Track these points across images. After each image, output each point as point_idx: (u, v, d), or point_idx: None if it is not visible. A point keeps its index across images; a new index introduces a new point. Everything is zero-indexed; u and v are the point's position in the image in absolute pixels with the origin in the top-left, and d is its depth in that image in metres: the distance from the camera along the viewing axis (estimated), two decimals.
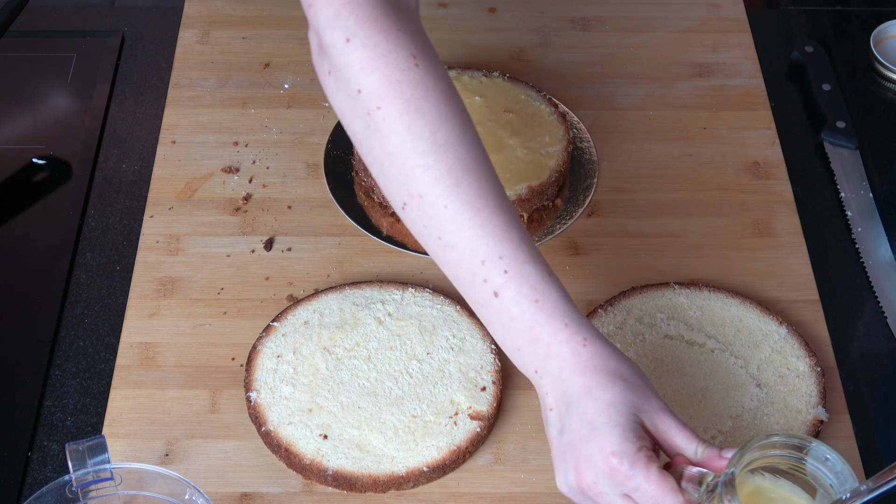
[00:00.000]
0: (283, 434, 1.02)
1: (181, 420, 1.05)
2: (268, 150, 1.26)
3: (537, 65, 1.36)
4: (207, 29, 1.38)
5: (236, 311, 1.13)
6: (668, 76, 1.35)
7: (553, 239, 1.19)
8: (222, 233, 1.19)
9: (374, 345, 1.08)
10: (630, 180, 1.25)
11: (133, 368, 1.08)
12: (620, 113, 1.31)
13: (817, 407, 1.05)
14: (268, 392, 1.05)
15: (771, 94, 1.33)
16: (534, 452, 1.04)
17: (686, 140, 1.28)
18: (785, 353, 1.08)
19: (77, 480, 0.91)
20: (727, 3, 1.43)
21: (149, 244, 1.18)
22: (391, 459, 1.01)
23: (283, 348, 1.08)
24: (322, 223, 1.20)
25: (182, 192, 1.22)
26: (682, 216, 1.22)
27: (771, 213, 1.22)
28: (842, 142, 1.29)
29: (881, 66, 1.36)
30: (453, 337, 1.09)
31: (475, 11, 1.42)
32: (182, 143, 1.27)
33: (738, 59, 1.37)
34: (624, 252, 1.18)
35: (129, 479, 0.93)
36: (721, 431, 1.03)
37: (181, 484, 0.92)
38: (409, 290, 1.12)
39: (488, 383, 1.06)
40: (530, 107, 1.26)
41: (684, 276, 1.16)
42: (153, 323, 1.12)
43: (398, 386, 1.05)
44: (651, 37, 1.39)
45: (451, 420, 1.03)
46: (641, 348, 1.08)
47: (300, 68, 1.34)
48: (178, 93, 1.31)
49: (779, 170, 1.26)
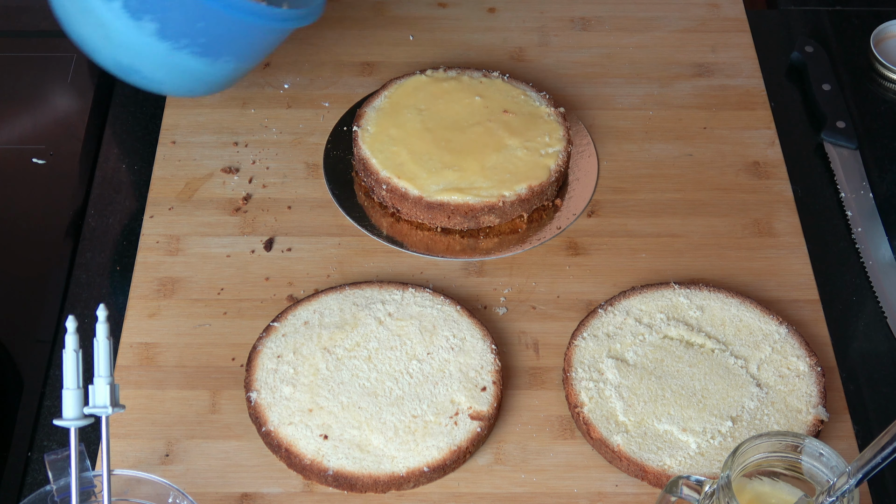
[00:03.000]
0: (284, 434, 1.02)
1: (181, 420, 1.05)
2: (268, 151, 1.26)
3: (537, 65, 1.36)
4: None
5: (236, 312, 1.13)
6: (668, 76, 1.35)
7: (553, 239, 1.19)
8: (222, 233, 1.19)
9: (375, 345, 1.08)
10: (630, 180, 1.25)
11: (133, 369, 1.08)
12: (620, 113, 1.31)
13: (817, 407, 1.05)
14: (268, 392, 1.05)
15: (771, 94, 1.33)
16: (534, 452, 1.04)
17: (686, 140, 1.29)
18: (785, 352, 1.08)
19: (58, 490, 0.91)
20: (727, 3, 1.43)
21: (149, 244, 1.18)
22: (391, 459, 1.01)
23: (283, 348, 1.08)
24: (322, 223, 1.20)
25: (182, 192, 1.22)
26: (682, 216, 1.22)
27: (771, 213, 1.22)
28: (842, 142, 1.29)
29: (881, 66, 1.36)
30: (453, 337, 1.09)
31: (474, 11, 1.42)
32: (182, 143, 1.27)
33: (737, 59, 1.37)
34: (624, 252, 1.18)
35: (112, 485, 0.92)
36: (721, 431, 1.03)
37: (165, 488, 0.92)
38: (409, 290, 1.12)
39: (488, 383, 1.06)
40: (530, 107, 1.26)
41: (684, 276, 1.16)
42: (153, 323, 1.12)
43: (398, 386, 1.05)
44: (650, 37, 1.39)
45: (452, 420, 1.03)
46: (641, 348, 1.08)
47: (300, 68, 1.34)
48: None
49: (779, 170, 1.26)
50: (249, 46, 1.15)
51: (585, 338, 1.09)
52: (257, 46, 1.16)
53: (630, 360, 1.08)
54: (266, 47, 1.18)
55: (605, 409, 1.04)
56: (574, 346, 1.09)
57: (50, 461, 0.92)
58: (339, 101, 1.31)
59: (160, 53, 1.11)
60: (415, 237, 1.19)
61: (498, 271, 1.17)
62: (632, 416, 1.04)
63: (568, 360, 1.08)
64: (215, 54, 1.13)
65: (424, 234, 1.19)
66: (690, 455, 1.02)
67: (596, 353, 1.08)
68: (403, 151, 1.21)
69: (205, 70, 1.14)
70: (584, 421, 1.04)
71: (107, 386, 0.90)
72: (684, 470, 1.01)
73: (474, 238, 1.19)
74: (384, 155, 1.21)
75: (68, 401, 0.90)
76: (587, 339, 1.09)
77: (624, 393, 1.05)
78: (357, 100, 1.31)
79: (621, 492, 1.02)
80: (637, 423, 1.03)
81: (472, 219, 1.18)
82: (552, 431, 1.05)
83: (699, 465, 1.01)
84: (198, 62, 1.13)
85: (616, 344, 1.09)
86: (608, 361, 1.07)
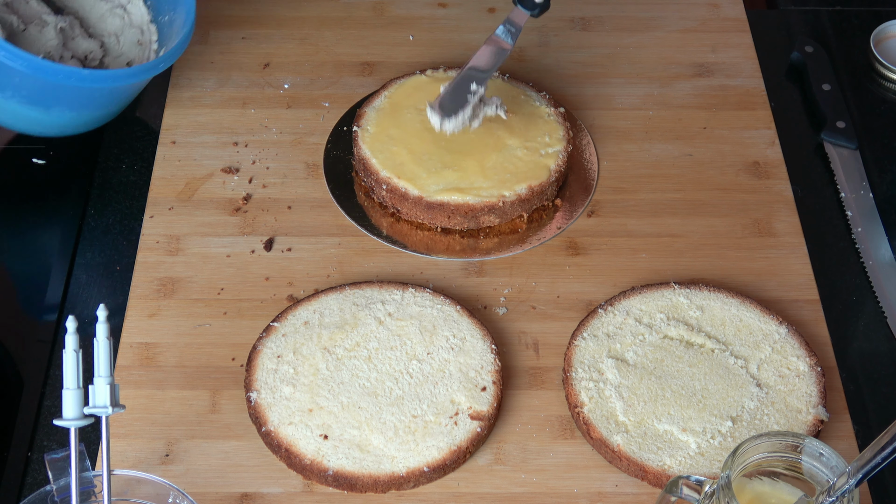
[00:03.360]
0: (284, 434, 1.02)
1: (181, 420, 1.05)
2: (268, 151, 1.26)
3: (537, 65, 1.36)
4: (207, 29, 1.38)
5: (236, 312, 1.13)
6: (668, 76, 1.35)
7: (553, 239, 1.19)
8: (222, 233, 1.19)
9: (375, 345, 1.08)
10: (630, 180, 1.25)
11: (133, 369, 1.08)
12: (620, 113, 1.31)
13: (817, 407, 1.05)
14: (268, 392, 1.05)
15: (771, 94, 1.33)
16: (534, 452, 1.04)
17: (686, 140, 1.28)
18: (785, 352, 1.08)
19: (58, 490, 0.91)
20: (727, 3, 1.43)
21: (149, 244, 1.18)
22: (391, 459, 1.01)
23: (283, 348, 1.08)
24: (322, 223, 1.20)
25: (182, 192, 1.22)
26: (682, 216, 1.22)
27: (771, 213, 1.22)
28: (842, 142, 1.29)
29: (881, 66, 1.36)
30: (453, 337, 1.09)
31: (475, 11, 1.42)
32: (182, 143, 1.27)
33: (737, 59, 1.37)
34: (624, 252, 1.18)
35: (112, 485, 0.92)
36: (721, 431, 1.03)
37: (165, 488, 0.92)
38: (409, 290, 1.12)
39: (488, 383, 1.06)
40: (530, 107, 1.26)
41: (684, 276, 1.16)
42: (153, 323, 1.12)
43: (398, 386, 1.05)
44: (651, 37, 1.39)
45: (452, 420, 1.03)
46: (641, 348, 1.08)
47: (300, 68, 1.34)
48: (178, 93, 1.31)
49: (779, 170, 1.26)
50: (79, 100, 1.17)
51: (585, 338, 1.09)
52: (91, 99, 1.17)
53: (630, 360, 1.08)
54: (108, 99, 1.19)
55: (605, 409, 1.04)
56: (574, 346, 1.09)
57: (50, 461, 0.92)
58: (339, 101, 1.31)
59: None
60: (415, 237, 1.19)
61: (498, 271, 1.17)
62: (632, 416, 1.04)
63: (568, 360, 1.08)
64: (45, 105, 1.15)
65: (424, 234, 1.19)
66: (690, 455, 1.02)
67: (596, 353, 1.08)
68: (403, 151, 1.21)
69: (43, 117, 1.17)
70: (584, 421, 1.04)
71: (107, 386, 0.90)
72: (684, 470, 1.01)
73: (474, 238, 1.19)
74: (384, 155, 1.21)
75: (68, 401, 0.90)
76: (587, 339, 1.09)
77: (624, 393, 1.05)
78: (357, 100, 1.31)
79: (621, 492, 1.02)
80: (637, 423, 1.03)
81: (472, 219, 1.18)
82: (552, 431, 1.05)
83: (699, 465, 1.01)
84: (31, 110, 1.15)
85: (616, 344, 1.09)
86: (608, 361, 1.07)
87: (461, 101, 1.17)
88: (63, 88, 1.13)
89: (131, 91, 1.22)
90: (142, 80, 1.19)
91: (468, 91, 1.18)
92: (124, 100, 1.22)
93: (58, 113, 1.16)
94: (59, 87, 1.13)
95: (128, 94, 1.21)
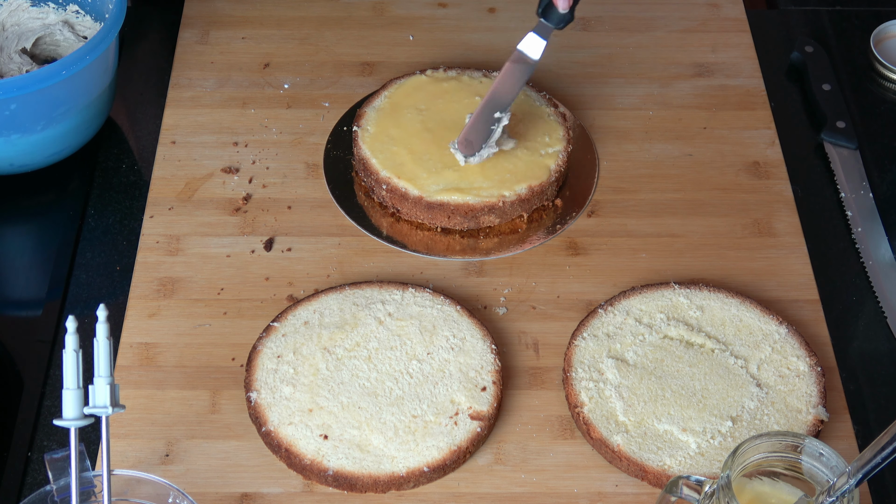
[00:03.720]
0: (284, 434, 1.02)
1: (181, 420, 1.05)
2: (267, 151, 1.26)
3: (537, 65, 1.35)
4: (207, 29, 1.38)
5: (236, 312, 1.13)
6: (668, 76, 1.35)
7: (553, 239, 1.19)
8: (222, 233, 1.19)
9: (375, 345, 1.08)
10: (630, 180, 1.25)
11: (133, 369, 1.08)
12: (620, 113, 1.31)
13: (817, 407, 1.05)
14: (268, 392, 1.05)
15: (771, 94, 1.33)
16: (534, 452, 1.04)
17: (686, 140, 1.29)
18: (785, 352, 1.08)
19: (58, 490, 0.91)
20: (727, 3, 1.43)
21: (149, 244, 1.18)
22: (391, 459, 1.01)
23: (283, 348, 1.08)
24: (322, 223, 1.20)
25: (182, 192, 1.22)
26: (682, 216, 1.22)
27: (771, 213, 1.22)
28: (842, 142, 1.29)
29: (881, 66, 1.36)
30: (453, 337, 1.09)
31: (475, 11, 1.42)
32: (182, 143, 1.27)
33: (737, 59, 1.37)
34: (624, 252, 1.18)
35: (112, 485, 0.92)
36: (721, 431, 1.03)
37: (165, 488, 0.92)
38: (409, 290, 1.12)
39: (488, 383, 1.06)
40: (530, 107, 1.26)
41: (684, 276, 1.16)
42: (153, 323, 1.12)
43: (398, 386, 1.05)
44: (651, 37, 1.39)
45: (452, 420, 1.03)
46: (641, 348, 1.08)
47: (300, 68, 1.34)
48: (178, 93, 1.31)
49: (779, 170, 1.26)
50: (49, 110, 1.16)
51: (585, 338, 1.09)
52: (57, 103, 1.16)
53: (630, 360, 1.08)
54: (77, 99, 1.18)
55: (605, 409, 1.04)
56: (574, 346, 1.09)
57: (50, 461, 0.92)
58: (339, 101, 1.31)
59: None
60: (415, 237, 1.19)
61: (498, 271, 1.17)
62: (632, 416, 1.04)
63: (568, 360, 1.08)
64: (23, 130, 1.16)
65: (424, 234, 1.19)
66: (690, 455, 1.02)
67: (596, 353, 1.08)
68: (403, 151, 1.21)
69: (25, 143, 1.17)
70: (584, 421, 1.04)
71: (107, 386, 0.90)
72: (684, 470, 1.01)
73: (474, 238, 1.19)
74: (384, 155, 1.21)
75: (68, 401, 0.90)
76: (587, 339, 1.09)
77: (624, 393, 1.05)
78: (357, 100, 1.31)
79: (621, 492, 1.02)
80: (637, 423, 1.03)
81: (472, 219, 1.18)
82: (552, 431, 1.05)
83: (699, 465, 1.01)
84: (13, 140, 1.16)
85: (616, 344, 1.09)
86: (608, 361, 1.07)
87: (485, 134, 1.17)
88: (27, 101, 1.13)
89: (99, 84, 1.20)
90: (90, 59, 1.16)
91: (492, 122, 1.17)
92: (98, 96, 1.20)
93: (15, 140, 1.16)
94: (23, 100, 1.13)
95: (97, 88, 1.19)
